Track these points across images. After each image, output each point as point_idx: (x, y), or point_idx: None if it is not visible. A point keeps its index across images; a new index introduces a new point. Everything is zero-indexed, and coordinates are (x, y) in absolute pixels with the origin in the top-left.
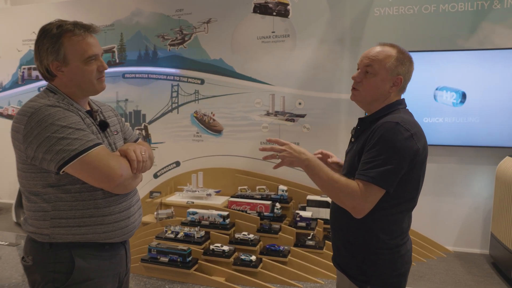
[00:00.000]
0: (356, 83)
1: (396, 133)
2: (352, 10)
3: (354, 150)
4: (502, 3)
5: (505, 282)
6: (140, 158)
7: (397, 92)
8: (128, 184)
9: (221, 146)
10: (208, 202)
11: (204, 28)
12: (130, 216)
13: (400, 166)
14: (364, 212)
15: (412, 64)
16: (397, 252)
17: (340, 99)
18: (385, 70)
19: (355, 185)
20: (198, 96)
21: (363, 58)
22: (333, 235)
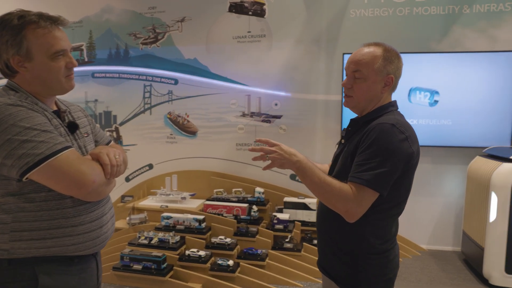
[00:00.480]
0: (347, 90)
1: (392, 135)
2: (329, 11)
3: (346, 152)
4: (471, 8)
5: (476, 278)
6: (114, 162)
7: (389, 92)
8: (101, 190)
9: (196, 148)
10: (183, 205)
11: (178, 26)
12: (102, 226)
13: (395, 169)
14: (357, 216)
15: (401, 60)
16: (387, 257)
17: (317, 100)
18: (374, 72)
19: (348, 188)
20: (171, 97)
21: (349, 63)
22: (320, 239)
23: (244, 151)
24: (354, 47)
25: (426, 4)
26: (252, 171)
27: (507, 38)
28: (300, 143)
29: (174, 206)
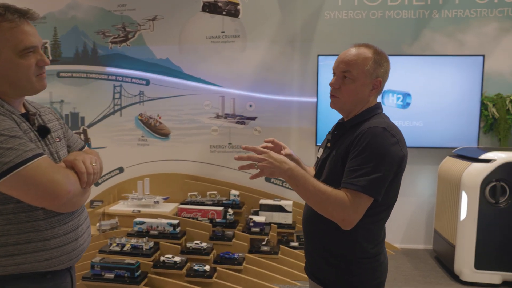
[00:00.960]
0: (335, 90)
1: (384, 139)
2: (303, 12)
3: (335, 156)
4: (440, 13)
5: (448, 275)
6: (91, 169)
7: (376, 95)
8: (77, 200)
9: (169, 151)
10: (156, 210)
11: (149, 25)
12: (78, 238)
13: (388, 174)
14: (354, 223)
15: (389, 64)
16: (377, 261)
17: (292, 101)
18: (364, 74)
19: (343, 195)
20: (143, 98)
21: (339, 63)
22: (308, 244)
23: (219, 153)
24: (328, 49)
25: (398, 8)
26: (226, 173)
27: (473, 43)
28: None
29: (147, 210)
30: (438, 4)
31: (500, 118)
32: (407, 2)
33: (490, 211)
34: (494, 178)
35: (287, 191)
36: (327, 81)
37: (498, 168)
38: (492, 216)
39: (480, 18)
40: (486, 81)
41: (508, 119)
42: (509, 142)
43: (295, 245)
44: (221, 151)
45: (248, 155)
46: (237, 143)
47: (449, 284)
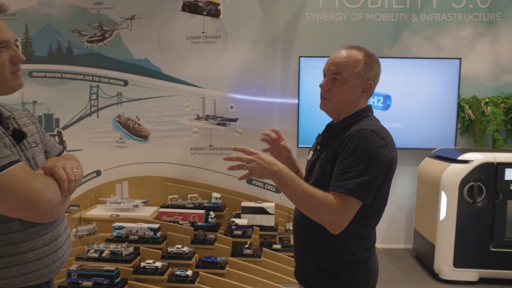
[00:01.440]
0: (325, 92)
1: (373, 142)
2: (284, 13)
3: (324, 159)
4: (419, 17)
5: (428, 273)
6: (72, 176)
7: (366, 98)
8: (57, 210)
9: (148, 153)
10: (135, 214)
11: (127, 25)
12: (58, 249)
13: (377, 176)
14: (342, 227)
15: (380, 66)
16: (368, 265)
17: (273, 103)
18: (355, 76)
19: (332, 198)
20: (121, 99)
21: (330, 64)
22: (298, 249)
23: (199, 155)
24: (310, 51)
25: (378, 11)
26: (207, 176)
27: (450, 46)
28: (256, 146)
29: (126, 215)
30: (416, 7)
31: (476, 120)
32: (387, 5)
33: (468, 211)
34: (472, 178)
35: (269, 193)
36: (309, 82)
37: (476, 169)
38: (469, 215)
39: (456, 22)
40: (463, 84)
41: (484, 120)
42: (484, 143)
43: (278, 247)
44: (202, 153)
45: (237, 156)
46: (218, 145)
47: (429, 283)
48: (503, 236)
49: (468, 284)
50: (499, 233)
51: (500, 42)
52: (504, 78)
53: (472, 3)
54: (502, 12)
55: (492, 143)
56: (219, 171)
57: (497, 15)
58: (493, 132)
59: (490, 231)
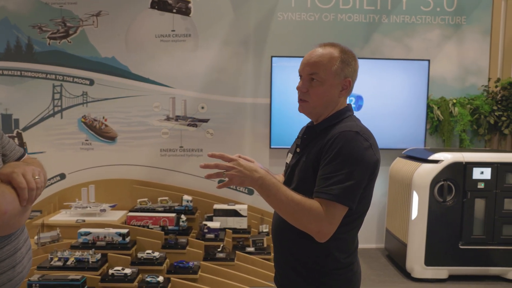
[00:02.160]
0: (303, 94)
1: (357, 144)
2: (256, 13)
3: (305, 163)
4: (389, 18)
5: (400, 272)
6: (33, 184)
7: (346, 96)
8: (15, 222)
9: (115, 155)
10: (102, 219)
11: (93, 21)
12: (16, 265)
13: (363, 180)
14: (329, 235)
15: (357, 62)
16: (351, 270)
17: (245, 103)
18: (332, 75)
19: (318, 206)
20: (86, 99)
21: (305, 65)
22: (278, 255)
23: (170, 157)
24: (282, 50)
25: (349, 12)
26: (178, 178)
27: (419, 48)
28: (228, 147)
29: (93, 220)
30: (387, 9)
31: (444, 120)
32: (358, 6)
33: (438, 210)
34: (442, 178)
35: (241, 195)
36: (281, 82)
37: (445, 168)
38: (440, 214)
39: (425, 25)
40: (431, 85)
41: (451, 121)
42: (452, 143)
43: (251, 250)
44: (172, 154)
45: (216, 163)
46: (189, 147)
47: (402, 282)
48: (471, 234)
49: (438, 281)
50: (468, 231)
51: (465, 45)
52: (469, 79)
53: (440, 7)
54: (467, 16)
55: (459, 143)
56: (190, 173)
57: (462, 19)
58: (461, 132)
59: (459, 229)
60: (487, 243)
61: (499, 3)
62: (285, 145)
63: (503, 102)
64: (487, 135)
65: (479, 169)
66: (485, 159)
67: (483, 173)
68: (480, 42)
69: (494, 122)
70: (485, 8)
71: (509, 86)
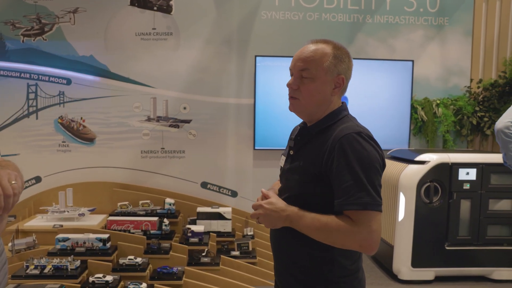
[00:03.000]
0: (293, 91)
1: (364, 146)
2: (240, 11)
3: (302, 167)
4: (373, 18)
5: (386, 274)
6: (10, 190)
7: (339, 95)
8: None
9: (94, 157)
10: (81, 223)
11: (69, 18)
12: None
13: (379, 180)
14: (375, 244)
15: (351, 60)
16: (357, 278)
17: (228, 104)
18: (324, 71)
19: (344, 222)
20: (63, 99)
21: (296, 61)
22: (279, 264)
23: (151, 158)
24: (266, 50)
25: (333, 11)
26: (160, 180)
27: (403, 48)
28: (211, 148)
29: (71, 224)
30: (371, 9)
31: (428, 121)
32: (342, 6)
33: (425, 211)
34: (428, 179)
35: (224, 197)
36: (265, 82)
37: (432, 169)
38: (426, 215)
39: (408, 25)
40: (415, 86)
41: (435, 121)
42: (436, 144)
43: (236, 254)
44: (154, 156)
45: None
46: (171, 148)
47: (388, 284)
48: (457, 235)
49: (425, 283)
50: (453, 232)
51: (447, 46)
52: (452, 80)
53: (423, 7)
54: (449, 17)
55: (443, 143)
56: (172, 175)
57: (445, 20)
58: (444, 133)
59: (445, 230)
60: (472, 244)
61: (480, 4)
62: (269, 147)
63: (484, 103)
64: (470, 136)
65: (465, 169)
66: (471, 160)
67: (469, 174)
68: (462, 43)
69: (476, 123)
70: (467, 10)
71: (490, 87)
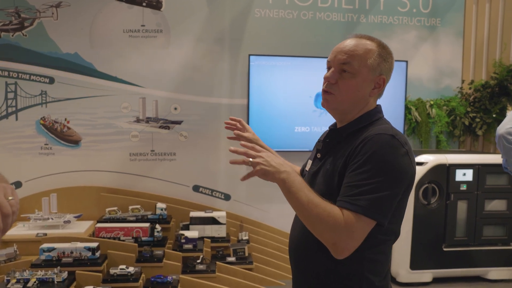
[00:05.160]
0: (330, 85)
1: (393, 150)
2: (232, 8)
3: (330, 170)
4: (367, 18)
5: None
6: (8, 208)
7: (377, 96)
8: None
9: (80, 160)
10: (67, 231)
11: (52, 13)
12: None
13: (397, 192)
14: (347, 251)
15: (393, 61)
16: None
17: (221, 104)
18: (367, 68)
19: (338, 214)
20: (45, 99)
21: (338, 53)
22: (299, 278)
23: (140, 161)
24: (260, 49)
25: (328, 10)
26: (150, 184)
27: (397, 49)
28: (203, 150)
29: (56, 233)
30: (365, 9)
31: (422, 122)
32: (336, 5)
33: (423, 212)
34: (427, 180)
35: (218, 201)
36: (259, 82)
37: (430, 171)
38: (424, 217)
39: (402, 26)
40: (408, 86)
41: (429, 122)
42: (429, 145)
43: (232, 260)
44: (143, 159)
45: (245, 150)
46: (161, 150)
47: None
48: (454, 236)
49: (423, 285)
50: (451, 233)
51: (440, 47)
52: (444, 81)
53: (416, 8)
54: (441, 18)
55: (436, 144)
56: (163, 178)
57: (437, 21)
58: (438, 133)
59: (443, 231)
60: (468, 245)
61: (470, 6)
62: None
63: (476, 103)
64: (462, 136)
65: (462, 170)
66: (467, 161)
67: (465, 175)
68: (453, 44)
69: (468, 123)
70: (458, 11)
71: (481, 88)
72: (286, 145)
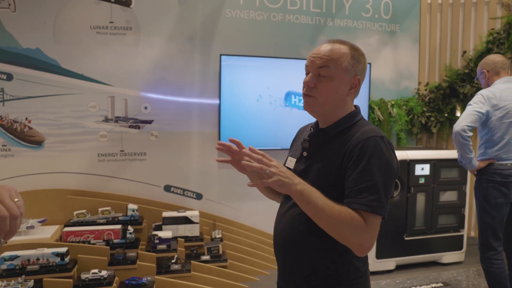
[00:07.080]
0: (310, 89)
1: (385, 152)
2: (203, 8)
3: (322, 170)
4: (333, 22)
5: None
6: (16, 210)
7: (353, 95)
8: None
9: (43, 162)
10: (31, 237)
11: (8, 4)
12: None
13: (392, 188)
14: (370, 248)
15: (366, 61)
16: (366, 277)
17: (192, 103)
18: (342, 70)
19: (358, 217)
20: (3, 97)
21: (314, 58)
22: (288, 269)
23: (109, 162)
24: (231, 48)
25: (297, 13)
26: (120, 185)
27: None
28: (174, 150)
29: (19, 239)
30: (331, 13)
31: (384, 120)
32: (305, 8)
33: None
34: None
35: (190, 200)
36: (231, 82)
37: None
38: (389, 209)
39: (365, 30)
40: (372, 87)
41: (390, 121)
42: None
43: (207, 258)
44: (112, 159)
45: (260, 158)
46: (131, 150)
47: None
48: (414, 226)
49: (387, 272)
50: (411, 223)
51: (399, 51)
52: (403, 83)
53: (377, 13)
54: (400, 24)
55: (397, 141)
56: (133, 179)
57: (396, 27)
58: (399, 131)
59: (404, 222)
60: (426, 233)
61: (425, 14)
62: None
63: (430, 103)
64: (420, 134)
65: (420, 165)
66: (425, 157)
67: (423, 169)
68: (411, 49)
69: (424, 122)
70: (414, 18)
71: (435, 90)
72: (258, 144)
